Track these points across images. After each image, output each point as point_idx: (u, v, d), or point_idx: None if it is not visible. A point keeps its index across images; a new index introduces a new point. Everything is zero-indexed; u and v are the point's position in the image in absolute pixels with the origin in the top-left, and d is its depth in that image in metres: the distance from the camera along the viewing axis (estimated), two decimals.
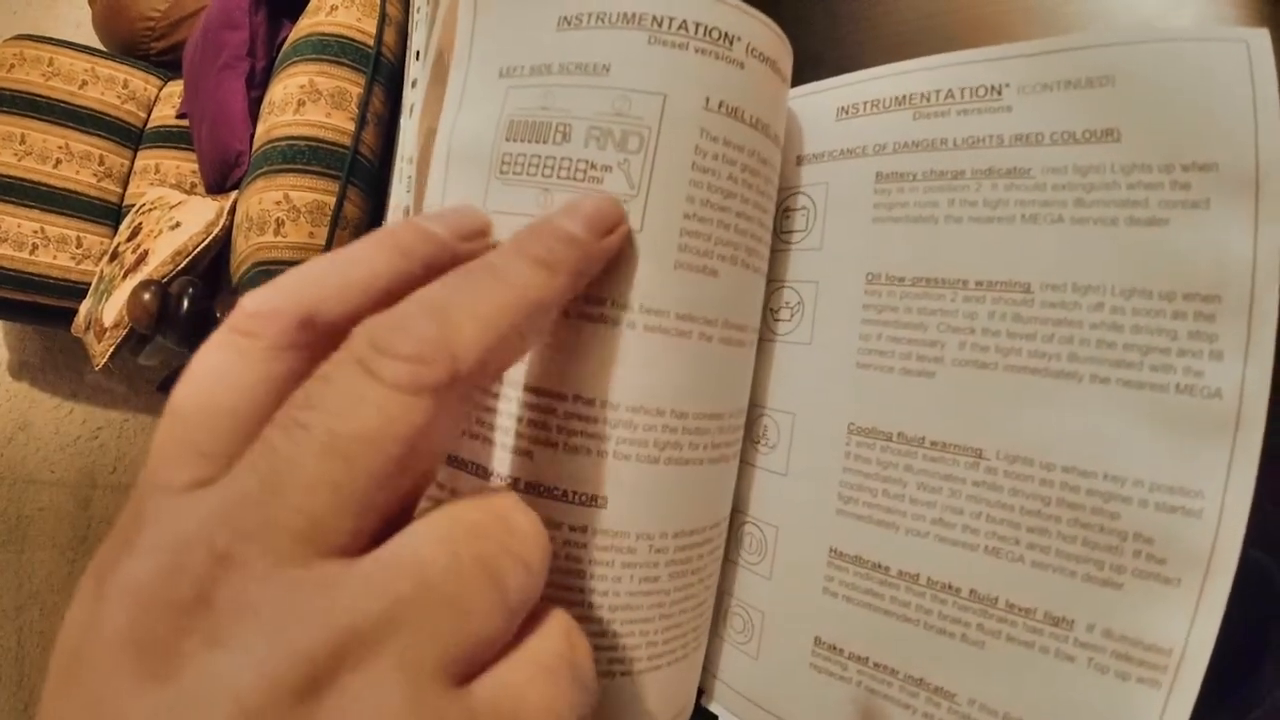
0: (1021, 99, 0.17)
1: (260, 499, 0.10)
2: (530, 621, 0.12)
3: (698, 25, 0.16)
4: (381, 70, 0.72)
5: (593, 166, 0.16)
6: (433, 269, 0.13)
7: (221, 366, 0.11)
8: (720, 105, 0.16)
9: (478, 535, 0.11)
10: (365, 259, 0.13)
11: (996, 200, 0.17)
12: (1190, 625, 0.14)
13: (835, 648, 0.18)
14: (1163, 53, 0.15)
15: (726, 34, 0.16)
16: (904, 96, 0.18)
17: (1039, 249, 0.16)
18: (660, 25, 0.16)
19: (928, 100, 0.18)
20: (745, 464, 0.20)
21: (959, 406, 0.17)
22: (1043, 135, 0.16)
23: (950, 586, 0.16)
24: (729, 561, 0.20)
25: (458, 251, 0.14)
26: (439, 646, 0.10)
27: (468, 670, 0.10)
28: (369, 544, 0.11)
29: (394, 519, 0.11)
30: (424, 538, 0.11)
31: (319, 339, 0.12)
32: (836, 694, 0.18)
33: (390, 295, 0.12)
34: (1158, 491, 0.14)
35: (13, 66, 1.03)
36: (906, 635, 0.17)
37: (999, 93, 0.17)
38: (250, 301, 0.12)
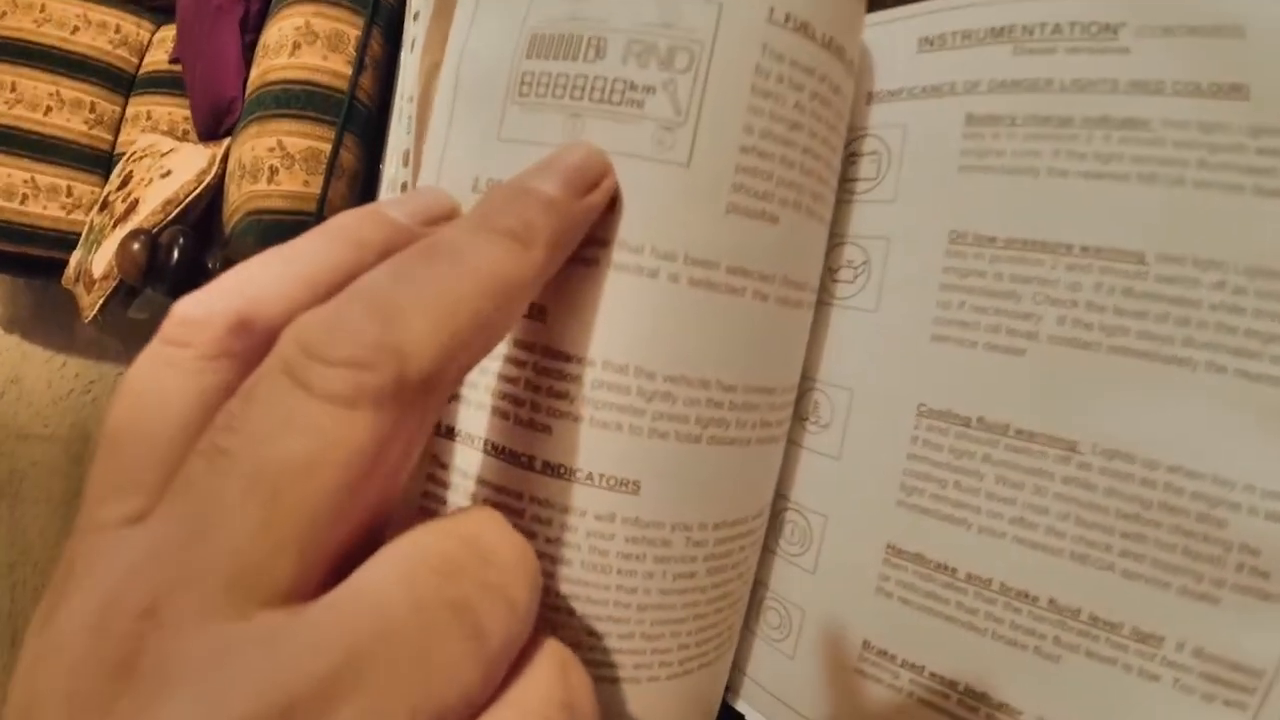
0: (1140, 41, 0.14)
1: (184, 543, 0.08)
2: (520, 658, 0.10)
3: None
4: (381, 12, 0.68)
5: (632, 87, 0.13)
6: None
7: (150, 383, 0.10)
8: (787, 18, 0.14)
9: (448, 571, 0.09)
10: (311, 251, 0.11)
11: (1109, 154, 0.14)
12: None
13: (886, 653, 0.16)
14: None
15: None
16: (1002, 29, 0.15)
17: (1157, 213, 0.14)
18: None
19: (1030, 34, 0.15)
20: (791, 443, 0.18)
21: (1052, 391, 0.14)
22: (1164, 84, 0.14)
23: (1027, 594, 0.15)
24: (765, 550, 0.18)
25: (420, 238, 0.12)
26: (402, 709, 0.08)
27: None
28: (320, 586, 0.09)
29: (357, 551, 0.09)
30: (383, 577, 0.09)
31: (258, 345, 0.10)
32: (883, 703, 0.16)
33: (340, 291, 0.10)
34: (1269, 499, 0.13)
35: (4, 14, 0.99)
36: (971, 645, 0.15)
37: (1115, 32, 0.14)
38: (181, 306, 0.10)
